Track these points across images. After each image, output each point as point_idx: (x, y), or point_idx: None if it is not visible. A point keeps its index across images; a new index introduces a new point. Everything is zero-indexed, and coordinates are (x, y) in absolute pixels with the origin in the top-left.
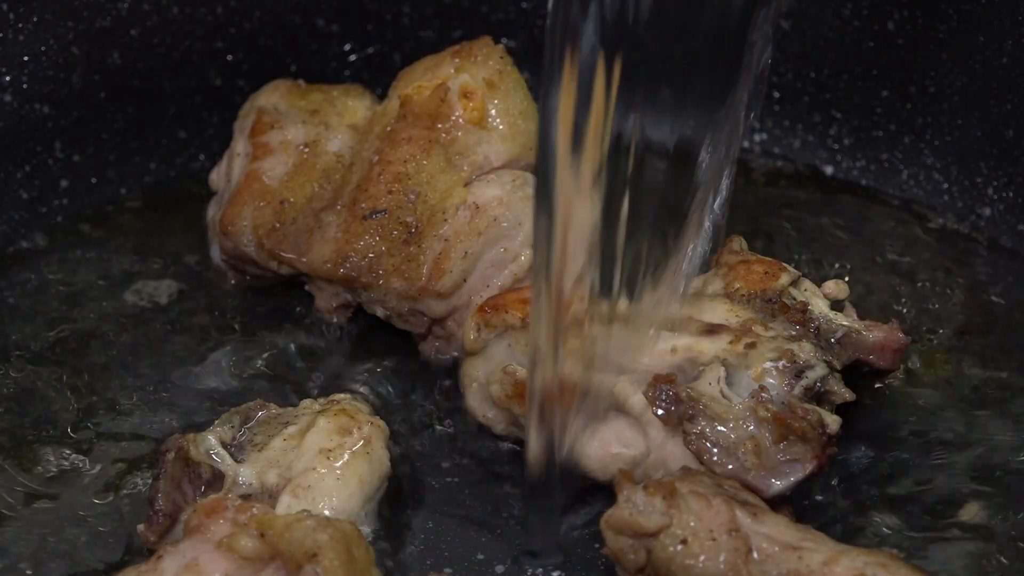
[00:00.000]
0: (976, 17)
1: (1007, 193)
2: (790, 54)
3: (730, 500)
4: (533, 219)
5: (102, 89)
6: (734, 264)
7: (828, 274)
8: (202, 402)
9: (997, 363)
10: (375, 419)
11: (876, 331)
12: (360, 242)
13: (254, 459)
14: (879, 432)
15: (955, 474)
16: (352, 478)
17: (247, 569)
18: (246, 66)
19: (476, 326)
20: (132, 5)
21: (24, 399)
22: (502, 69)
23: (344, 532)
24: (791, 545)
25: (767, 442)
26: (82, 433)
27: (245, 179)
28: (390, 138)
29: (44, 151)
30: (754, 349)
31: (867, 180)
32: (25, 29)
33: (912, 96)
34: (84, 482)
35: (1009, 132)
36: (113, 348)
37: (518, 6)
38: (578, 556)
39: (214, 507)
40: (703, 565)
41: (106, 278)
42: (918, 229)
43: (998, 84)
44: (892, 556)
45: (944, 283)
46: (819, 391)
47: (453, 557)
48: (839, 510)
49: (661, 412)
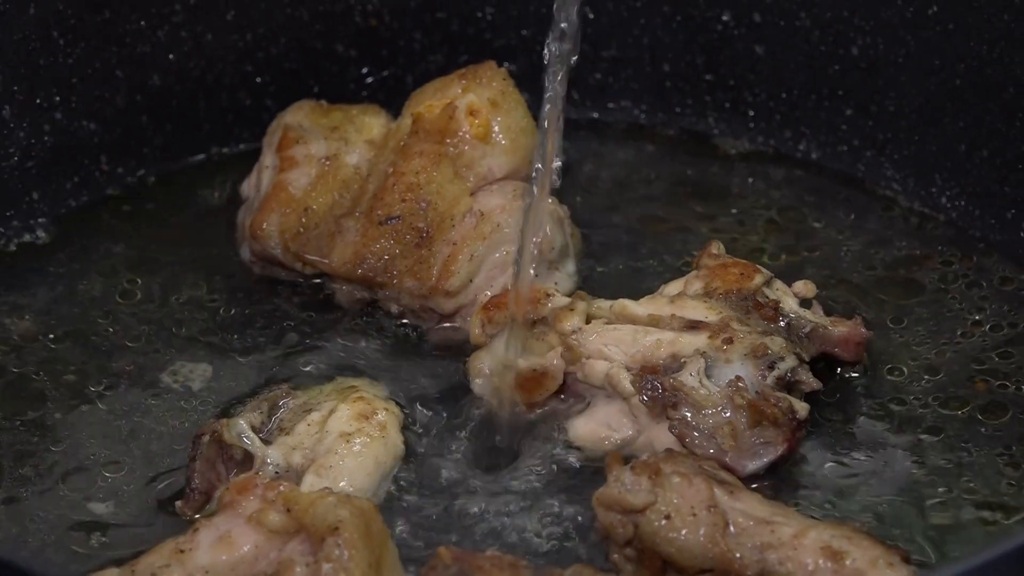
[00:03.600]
0: (932, 44)
1: (959, 202)
2: (764, 76)
3: (709, 479)
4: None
5: (143, 108)
6: (713, 266)
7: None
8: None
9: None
10: (390, 405)
11: (841, 326)
12: (376, 245)
13: (281, 442)
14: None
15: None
16: (369, 459)
17: (274, 541)
18: (273, 87)
19: (481, 322)
20: (170, 32)
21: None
22: (504, 90)
23: (362, 508)
24: (764, 520)
25: (742, 427)
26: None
27: (272, 188)
28: (403, 152)
29: (91, 164)
30: (731, 343)
31: (831, 191)
32: (73, 54)
33: (873, 114)
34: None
35: (961, 147)
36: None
37: (519, 33)
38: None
39: (245, 485)
40: (685, 538)
41: (149, 273)
42: (877, 234)
43: (951, 104)
44: (856, 529)
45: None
46: (789, 381)
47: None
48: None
49: (647, 399)
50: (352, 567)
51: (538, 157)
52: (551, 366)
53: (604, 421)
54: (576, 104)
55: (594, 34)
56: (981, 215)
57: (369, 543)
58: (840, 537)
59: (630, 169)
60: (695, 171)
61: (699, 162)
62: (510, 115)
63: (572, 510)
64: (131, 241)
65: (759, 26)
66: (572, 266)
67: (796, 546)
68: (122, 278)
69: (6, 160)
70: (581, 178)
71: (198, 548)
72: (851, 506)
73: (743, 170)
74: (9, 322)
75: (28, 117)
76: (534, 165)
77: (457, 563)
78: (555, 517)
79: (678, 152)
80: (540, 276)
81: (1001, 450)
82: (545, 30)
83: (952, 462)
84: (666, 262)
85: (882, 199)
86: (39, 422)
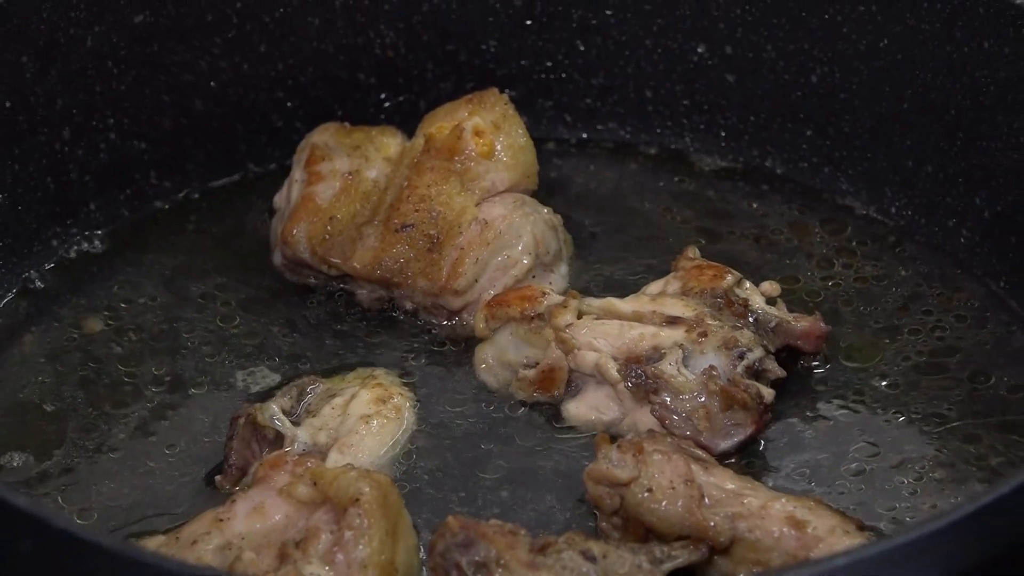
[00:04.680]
0: (882, 73)
1: (907, 211)
2: (734, 101)
3: (686, 456)
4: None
5: (187, 130)
6: (689, 268)
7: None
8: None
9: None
10: (404, 391)
11: (802, 322)
12: (393, 250)
13: (308, 423)
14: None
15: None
16: (386, 438)
17: (302, 511)
18: (302, 111)
19: (484, 318)
20: (211, 63)
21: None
22: (506, 113)
23: (380, 482)
24: (735, 492)
25: (716, 410)
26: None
27: (301, 200)
28: (417, 168)
29: (142, 178)
30: (705, 336)
31: (794, 202)
32: (125, 81)
33: (831, 135)
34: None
35: (908, 163)
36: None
37: (518, 64)
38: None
39: (276, 461)
40: (665, 508)
41: (194, 277)
42: (835, 240)
43: (899, 125)
44: (818, 500)
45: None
46: (757, 369)
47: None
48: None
49: (631, 386)
50: (371, 534)
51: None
52: (554, 359)
53: (593, 405)
54: (569, 126)
55: (584, 64)
56: (926, 223)
57: (386, 512)
58: (802, 508)
59: (616, 183)
60: (674, 185)
61: (677, 177)
62: (511, 135)
63: (565, 483)
64: (177, 247)
65: (730, 57)
66: (565, 268)
67: (763, 516)
68: (170, 281)
69: (66, 175)
70: (573, 191)
71: (235, 517)
72: (812, 481)
73: (716, 184)
74: (75, 320)
75: (85, 137)
76: None
77: (463, 531)
78: (550, 490)
79: (659, 168)
80: (537, 277)
81: (947, 428)
82: (541, 61)
83: (902, 440)
84: (648, 264)
85: (839, 208)
86: (102, 404)
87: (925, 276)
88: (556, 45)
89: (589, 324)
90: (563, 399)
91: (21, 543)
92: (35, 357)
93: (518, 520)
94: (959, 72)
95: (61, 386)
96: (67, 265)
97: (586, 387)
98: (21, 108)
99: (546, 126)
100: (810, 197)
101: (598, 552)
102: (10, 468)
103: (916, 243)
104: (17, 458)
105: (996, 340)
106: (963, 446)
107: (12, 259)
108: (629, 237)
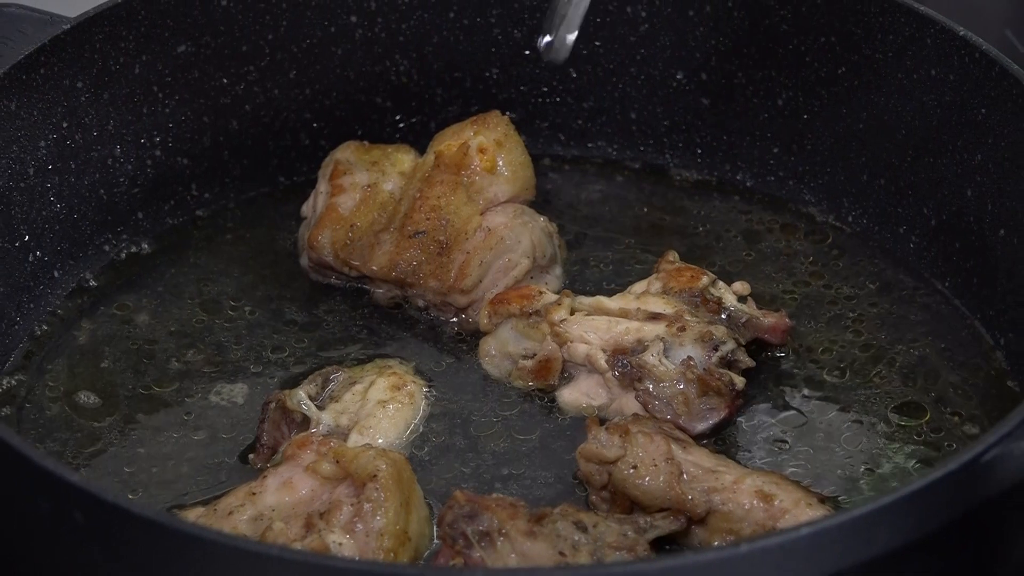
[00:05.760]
0: (840, 97)
1: (863, 220)
2: (709, 122)
3: (667, 437)
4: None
5: (225, 147)
6: (669, 270)
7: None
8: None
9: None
10: (416, 379)
11: (770, 317)
12: (407, 254)
13: (331, 408)
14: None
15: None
16: (400, 421)
17: (326, 486)
18: (327, 131)
19: (488, 314)
20: (246, 87)
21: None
22: (507, 133)
23: (395, 459)
24: (710, 469)
25: (693, 396)
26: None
27: (325, 210)
28: (428, 181)
29: (184, 190)
30: (684, 331)
31: (762, 211)
32: (170, 104)
33: (795, 152)
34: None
35: (864, 177)
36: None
37: (518, 89)
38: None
39: (303, 442)
40: (648, 483)
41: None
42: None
43: (855, 143)
44: (783, 477)
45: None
46: (729, 359)
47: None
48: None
49: (618, 375)
50: (387, 506)
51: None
52: (549, 350)
53: (584, 391)
54: (562, 144)
55: (576, 90)
56: (879, 230)
57: (400, 486)
58: (770, 483)
59: (604, 194)
60: (655, 196)
61: (658, 189)
62: (511, 152)
63: (559, 462)
64: (216, 251)
65: (705, 83)
66: (559, 270)
67: (735, 490)
68: (210, 281)
69: (117, 187)
70: (566, 201)
71: (266, 491)
72: (779, 459)
73: (693, 195)
74: (124, 313)
75: (134, 154)
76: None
77: (469, 503)
78: (546, 467)
79: (642, 181)
80: (534, 278)
81: (895, 407)
82: (538, 87)
83: (856, 422)
84: (633, 267)
85: (802, 216)
86: (149, 388)
87: (878, 277)
88: (551, 72)
89: (580, 320)
90: (558, 386)
91: (75, 513)
92: (88, 345)
93: (518, 494)
94: (909, 96)
95: (112, 371)
96: (117, 266)
97: (578, 376)
98: (77, 128)
99: (542, 144)
100: (776, 206)
101: (589, 522)
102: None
103: (870, 248)
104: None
105: (942, 334)
106: (908, 423)
107: (69, 261)
108: (616, 242)
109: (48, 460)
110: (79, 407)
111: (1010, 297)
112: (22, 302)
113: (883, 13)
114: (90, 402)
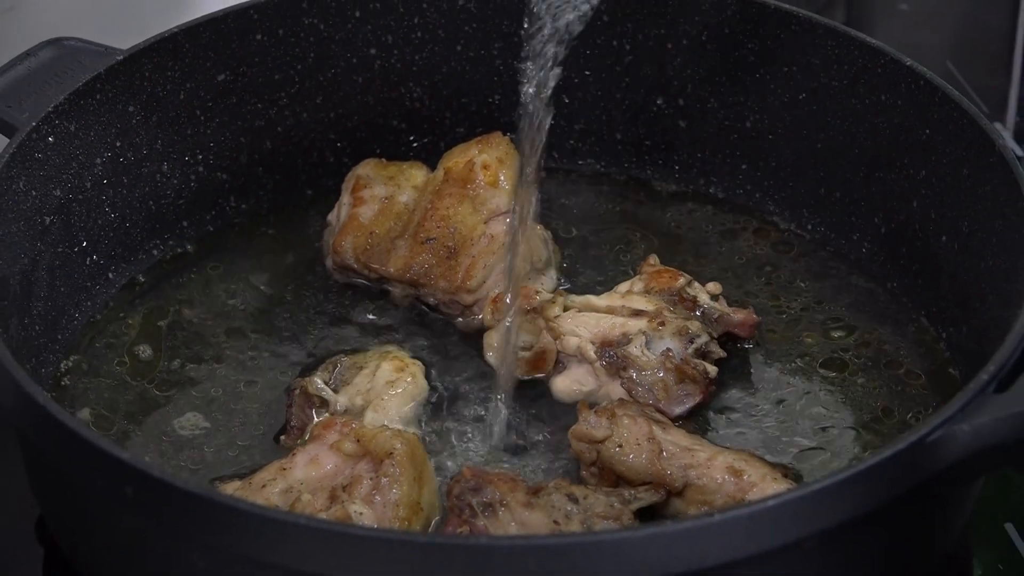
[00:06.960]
0: (801, 119)
1: (821, 228)
2: (685, 141)
3: (649, 419)
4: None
5: (259, 164)
6: (650, 272)
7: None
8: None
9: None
10: (417, 362)
11: (739, 314)
12: (420, 258)
13: (344, 391)
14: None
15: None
16: (407, 398)
17: (348, 462)
18: (349, 150)
19: (491, 311)
20: (277, 112)
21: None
22: (508, 151)
23: (409, 439)
24: (687, 448)
25: (671, 383)
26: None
27: (348, 219)
28: (438, 194)
29: (223, 202)
30: (663, 326)
31: (732, 219)
32: (211, 126)
33: (761, 168)
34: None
35: (822, 190)
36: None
37: (518, 113)
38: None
39: (327, 423)
40: (632, 460)
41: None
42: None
43: (814, 160)
44: (751, 454)
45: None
46: (704, 351)
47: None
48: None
49: (605, 364)
50: (402, 480)
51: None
52: (544, 343)
53: (576, 379)
54: (556, 160)
55: (568, 113)
56: (835, 236)
57: (414, 462)
58: (740, 459)
59: (593, 204)
60: (638, 206)
61: (641, 199)
62: (511, 168)
63: (554, 441)
64: (251, 254)
65: (682, 107)
66: (553, 272)
67: (709, 466)
68: (248, 280)
69: (164, 199)
70: (558, 209)
71: (295, 467)
72: (748, 439)
73: (671, 205)
74: (171, 308)
75: (180, 170)
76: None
77: (474, 478)
78: (541, 446)
79: (626, 193)
80: (531, 279)
81: (850, 390)
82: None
83: (815, 404)
84: (618, 269)
85: (767, 223)
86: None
87: (834, 278)
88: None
89: (572, 316)
90: (552, 375)
91: (125, 488)
92: (139, 336)
93: (517, 469)
94: (862, 119)
95: (159, 360)
96: (164, 265)
97: (570, 365)
98: (128, 147)
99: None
100: (745, 215)
101: (580, 495)
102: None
103: (827, 252)
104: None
105: (891, 328)
106: (861, 407)
107: (121, 264)
108: (603, 247)
109: (103, 441)
110: (130, 386)
111: (951, 296)
112: (80, 299)
113: (839, 46)
114: (139, 383)
